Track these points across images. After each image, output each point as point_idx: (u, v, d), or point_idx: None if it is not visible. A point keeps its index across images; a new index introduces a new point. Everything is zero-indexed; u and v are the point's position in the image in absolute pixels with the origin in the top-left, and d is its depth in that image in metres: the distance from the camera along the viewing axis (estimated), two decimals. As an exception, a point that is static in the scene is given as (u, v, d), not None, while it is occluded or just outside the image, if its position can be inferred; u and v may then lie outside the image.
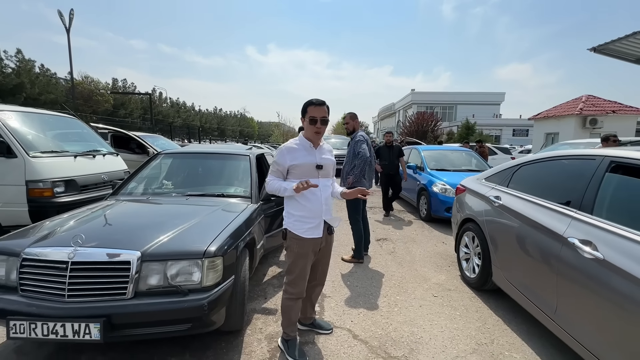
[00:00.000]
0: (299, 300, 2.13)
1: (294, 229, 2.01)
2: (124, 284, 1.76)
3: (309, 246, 2.03)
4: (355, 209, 3.83)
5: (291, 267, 2.05)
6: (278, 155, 2.00)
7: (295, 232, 2.00)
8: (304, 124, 2.01)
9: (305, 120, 1.99)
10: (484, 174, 3.49)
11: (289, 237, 2.03)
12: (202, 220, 2.32)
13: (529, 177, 2.72)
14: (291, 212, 2.03)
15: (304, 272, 2.06)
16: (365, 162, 3.60)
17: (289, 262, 2.06)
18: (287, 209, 2.06)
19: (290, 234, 2.02)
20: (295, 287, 2.07)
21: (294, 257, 2.03)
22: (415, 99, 38.24)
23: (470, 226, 3.29)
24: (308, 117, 1.97)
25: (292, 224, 2.01)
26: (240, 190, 3.13)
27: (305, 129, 2.02)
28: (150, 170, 3.40)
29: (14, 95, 28.42)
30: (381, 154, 6.33)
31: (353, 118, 3.87)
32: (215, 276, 1.93)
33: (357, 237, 3.85)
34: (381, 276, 3.47)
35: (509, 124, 32.77)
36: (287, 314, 2.11)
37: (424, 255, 4.16)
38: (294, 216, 2.02)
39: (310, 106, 1.98)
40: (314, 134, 1.99)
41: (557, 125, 15.63)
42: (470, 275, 3.24)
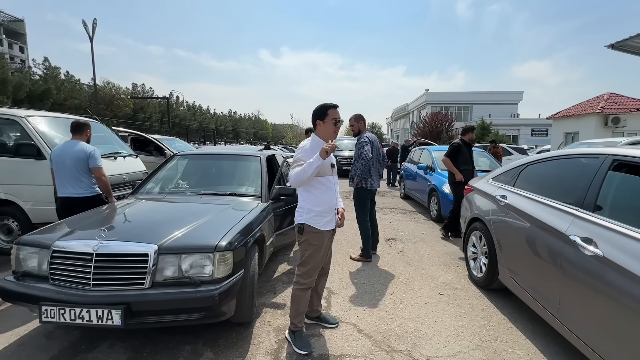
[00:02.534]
0: (309, 291, 2.25)
1: (314, 224, 2.12)
2: (143, 274, 1.91)
3: (326, 238, 2.20)
4: (362, 209, 3.90)
5: (307, 259, 2.16)
6: (302, 152, 2.10)
7: (316, 226, 2.13)
8: (322, 126, 2.17)
9: (324, 122, 2.15)
10: (492, 174, 3.49)
11: (307, 231, 2.13)
12: (215, 217, 2.46)
13: (534, 177, 2.73)
14: (311, 208, 2.13)
15: (319, 263, 2.21)
16: (366, 164, 3.67)
17: (306, 254, 2.16)
18: (305, 205, 2.15)
19: (310, 228, 2.12)
20: (308, 277, 2.19)
21: (312, 249, 2.15)
22: (430, 99, 37.78)
23: (477, 225, 3.31)
24: (331, 119, 2.14)
25: (313, 219, 2.13)
26: (251, 190, 3.26)
27: (325, 129, 2.17)
28: (167, 171, 3.58)
29: (42, 100, 29.92)
30: (462, 156, 4.84)
31: (358, 120, 3.94)
32: (225, 269, 2.05)
33: (364, 236, 3.91)
34: (388, 275, 3.53)
35: (527, 124, 31.87)
36: (296, 304, 2.21)
37: (432, 255, 4.18)
38: (313, 211, 2.13)
39: (331, 109, 2.16)
40: (333, 133, 2.17)
41: (577, 125, 15.15)
42: (478, 274, 3.25)
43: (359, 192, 3.86)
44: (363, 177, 3.72)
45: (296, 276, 2.23)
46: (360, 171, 3.71)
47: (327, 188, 2.16)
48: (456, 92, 39.98)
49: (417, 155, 8.22)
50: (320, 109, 2.17)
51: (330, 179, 2.20)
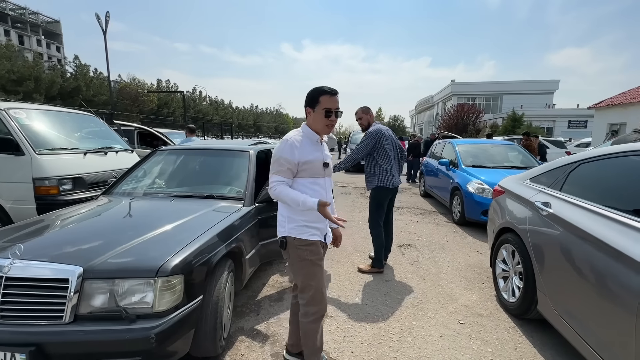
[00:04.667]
0: (323, 319, 1.79)
1: (300, 235, 1.68)
2: (61, 305, 1.48)
3: (320, 249, 1.75)
4: (378, 211, 3.35)
5: (307, 281, 1.71)
6: (285, 149, 1.63)
7: (302, 237, 1.68)
8: (311, 115, 1.70)
9: (314, 111, 1.68)
10: (529, 173, 2.81)
11: (293, 245, 1.69)
12: (174, 227, 2.00)
13: (592, 180, 2.05)
14: (292, 217, 1.69)
15: (321, 282, 1.73)
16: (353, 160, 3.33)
17: (302, 275, 1.71)
18: (285, 213, 1.71)
19: (297, 241, 1.68)
20: (316, 304, 1.72)
21: (307, 267, 1.70)
22: (455, 90, 35.78)
23: (509, 237, 2.66)
24: (322, 109, 1.67)
25: (296, 229, 1.68)
26: (234, 191, 2.79)
27: (315, 120, 1.70)
28: (146, 167, 3.19)
29: (72, 97, 31.21)
30: None
31: (366, 112, 3.37)
32: (171, 299, 1.59)
33: (377, 243, 3.37)
34: (398, 292, 2.96)
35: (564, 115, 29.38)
36: (311, 339, 1.75)
37: (452, 267, 3.55)
38: (296, 221, 1.69)
39: (323, 95, 1.67)
40: (325, 127, 1.71)
41: (624, 115, 13.55)
42: (509, 298, 2.62)
43: (377, 192, 3.33)
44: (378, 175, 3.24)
45: (302, 307, 1.75)
46: (345, 164, 3.35)
47: (316, 192, 1.69)
48: (484, 82, 37.60)
49: (439, 149, 7.46)
50: (311, 94, 1.69)
51: (320, 182, 1.74)
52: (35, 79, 27.06)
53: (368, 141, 3.19)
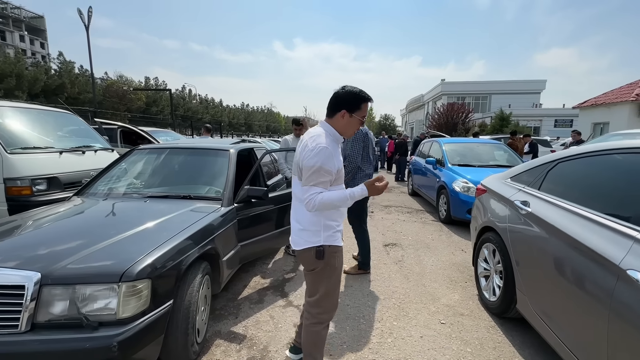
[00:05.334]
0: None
1: (334, 242, 1.63)
2: (17, 313, 1.40)
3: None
4: (360, 214, 3.28)
5: (330, 289, 1.66)
6: (326, 159, 1.48)
7: (335, 243, 1.64)
8: (346, 119, 1.59)
9: (352, 116, 1.59)
10: (510, 172, 2.82)
11: (329, 253, 1.61)
12: (144, 230, 1.93)
13: (570, 178, 2.05)
14: (329, 224, 1.61)
15: (339, 290, 1.74)
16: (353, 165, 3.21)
17: (328, 283, 1.65)
18: (321, 221, 1.60)
19: (332, 248, 1.62)
20: (332, 310, 1.72)
21: (335, 274, 1.67)
22: (445, 89, 36.10)
23: (490, 236, 2.66)
24: (361, 116, 1.61)
25: (332, 236, 1.62)
26: (212, 191, 2.72)
27: (349, 125, 1.61)
28: (122, 167, 3.08)
29: (57, 94, 30.41)
30: None
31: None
32: (137, 305, 1.52)
33: (364, 244, 3.31)
34: (380, 293, 2.93)
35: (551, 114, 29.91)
36: (319, 348, 1.72)
37: (436, 267, 3.55)
38: (332, 228, 1.62)
39: (365, 102, 1.61)
40: (353, 133, 1.68)
41: (608, 114, 13.88)
42: (490, 297, 2.62)
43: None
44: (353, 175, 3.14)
45: (316, 315, 1.69)
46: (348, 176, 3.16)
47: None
48: (474, 81, 38.05)
49: (427, 148, 7.49)
50: (354, 97, 1.58)
51: (343, 187, 1.70)
52: (17, 75, 26.27)
53: (358, 144, 3.13)
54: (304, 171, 1.52)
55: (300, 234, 1.63)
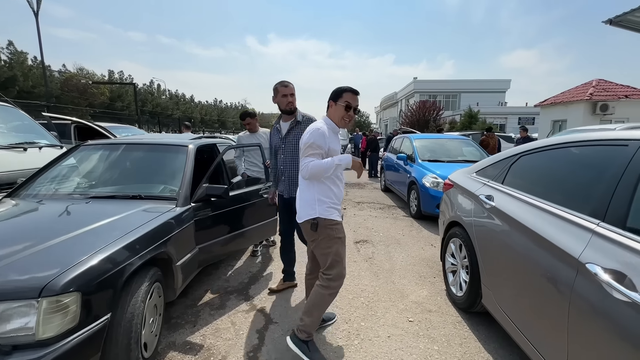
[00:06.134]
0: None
1: (330, 215, 1.89)
2: None
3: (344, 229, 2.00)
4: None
5: (336, 258, 1.92)
6: (318, 137, 1.84)
7: (331, 217, 1.90)
8: (333, 107, 1.96)
9: (336, 104, 1.94)
10: (476, 166, 2.82)
11: (324, 225, 1.88)
12: (80, 235, 1.70)
13: (531, 172, 2.05)
14: (322, 199, 1.89)
15: (345, 259, 2.00)
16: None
17: (332, 253, 1.91)
18: (315, 196, 1.89)
19: (327, 221, 1.88)
20: (340, 278, 1.95)
21: (338, 244, 1.93)
22: (418, 87, 36.97)
23: (457, 231, 2.65)
24: (343, 102, 1.92)
25: (327, 210, 1.89)
26: (167, 190, 2.50)
27: (335, 112, 1.96)
28: (65, 165, 2.78)
29: (7, 88, 27.91)
30: None
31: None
32: (62, 323, 1.32)
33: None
34: (350, 292, 2.85)
35: (515, 112, 31.53)
36: (321, 311, 1.94)
37: (406, 263, 3.53)
38: (326, 203, 1.90)
39: (347, 92, 1.93)
40: (342, 120, 1.95)
41: (565, 112, 14.74)
42: (457, 292, 2.61)
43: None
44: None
45: (326, 280, 1.92)
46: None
47: (339, 179, 1.99)
48: (444, 80, 39.26)
49: (399, 144, 7.55)
50: (337, 90, 1.96)
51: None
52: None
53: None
54: (302, 148, 1.87)
55: (301, 208, 1.94)
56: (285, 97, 2.46)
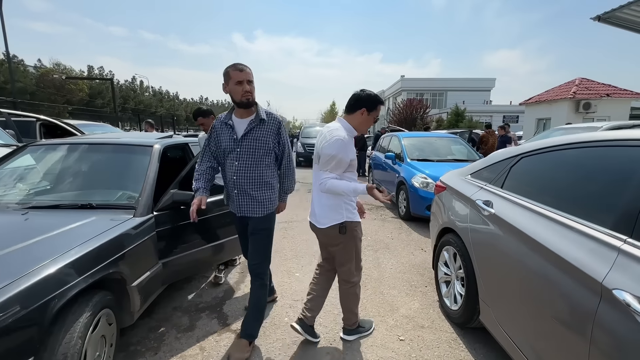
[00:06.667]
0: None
1: (355, 218, 1.97)
2: None
3: None
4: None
5: (357, 255, 2.03)
6: (342, 149, 1.79)
7: (356, 219, 1.98)
8: (364, 116, 1.89)
9: (370, 114, 1.89)
10: (470, 168, 2.61)
11: (352, 228, 1.94)
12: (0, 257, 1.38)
13: (536, 176, 1.84)
14: (348, 202, 1.93)
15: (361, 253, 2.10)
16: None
17: (354, 251, 2.00)
18: (341, 201, 1.90)
19: (353, 223, 1.95)
20: (360, 272, 2.09)
21: (359, 244, 2.03)
22: (405, 85, 37.08)
23: (451, 239, 2.43)
24: (375, 115, 1.91)
25: (351, 213, 1.95)
26: (124, 197, 2.19)
27: (364, 122, 1.91)
28: (6, 168, 2.42)
29: (-24, 84, 26.42)
30: None
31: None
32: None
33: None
34: (335, 306, 2.58)
35: (500, 111, 32.01)
36: (357, 302, 2.13)
37: (395, 270, 3.30)
38: (351, 205, 1.95)
39: (380, 104, 1.92)
40: (366, 129, 1.97)
41: (550, 111, 14.92)
42: (451, 305, 2.39)
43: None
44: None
45: (349, 280, 2.04)
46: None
47: (355, 180, 1.97)
48: (431, 78, 39.47)
49: (387, 142, 7.34)
50: (374, 99, 1.88)
51: (356, 175, 2.00)
52: None
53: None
54: (322, 157, 1.84)
55: (325, 214, 1.91)
56: (240, 85, 1.84)
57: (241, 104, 1.88)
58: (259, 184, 1.95)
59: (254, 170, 1.92)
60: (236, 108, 1.95)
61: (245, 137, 1.91)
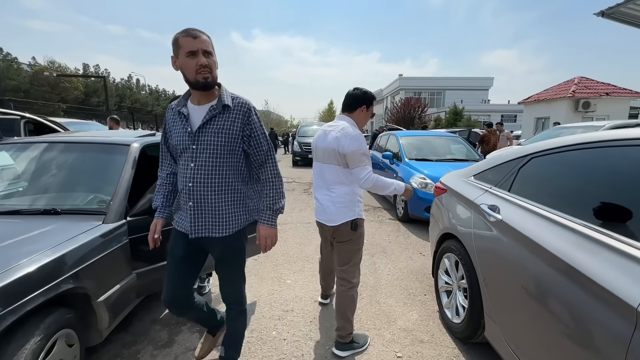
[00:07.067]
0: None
1: (362, 214, 2.00)
2: None
3: None
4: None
5: (359, 255, 2.04)
6: (363, 143, 1.84)
7: (363, 216, 2.02)
8: (364, 113, 1.98)
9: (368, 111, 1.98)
10: (473, 169, 2.43)
11: (361, 224, 1.99)
12: None
13: (549, 179, 1.66)
14: (359, 200, 1.98)
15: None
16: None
17: (358, 250, 2.02)
18: (354, 198, 1.94)
19: (361, 220, 1.99)
20: (359, 274, 2.07)
21: (362, 241, 2.05)
22: (403, 84, 36.91)
23: (452, 246, 2.25)
24: (372, 111, 2.01)
25: (362, 210, 2.00)
26: (95, 201, 1.99)
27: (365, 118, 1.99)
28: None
29: (-33, 81, 25.99)
30: None
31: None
32: None
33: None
34: (328, 318, 2.41)
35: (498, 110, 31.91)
36: (354, 307, 2.03)
37: (393, 276, 3.12)
38: (361, 202, 1.99)
39: (374, 100, 2.02)
40: (364, 125, 2.07)
41: (548, 110, 14.81)
42: (453, 318, 2.21)
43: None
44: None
45: (350, 280, 1.99)
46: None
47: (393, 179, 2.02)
48: (429, 77, 39.37)
49: (384, 141, 7.16)
50: (371, 96, 1.98)
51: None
52: None
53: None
54: (350, 156, 1.81)
55: (338, 211, 1.91)
56: (193, 57, 1.34)
57: (196, 84, 1.37)
58: (223, 193, 1.46)
59: (215, 175, 1.44)
60: (192, 91, 1.46)
61: (203, 129, 1.41)
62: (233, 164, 1.48)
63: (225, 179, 1.47)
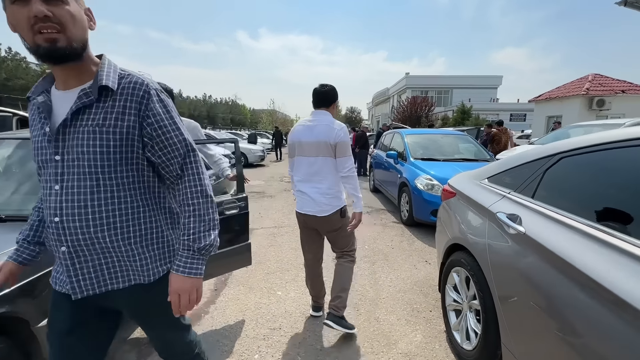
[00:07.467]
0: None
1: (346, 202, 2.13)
2: None
3: None
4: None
5: (353, 234, 2.21)
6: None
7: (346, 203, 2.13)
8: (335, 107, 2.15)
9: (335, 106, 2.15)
10: (486, 171, 2.12)
11: (346, 210, 2.14)
12: None
13: (583, 183, 1.35)
14: (342, 190, 2.11)
15: None
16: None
17: (350, 232, 2.12)
18: (340, 188, 2.09)
19: (346, 207, 2.13)
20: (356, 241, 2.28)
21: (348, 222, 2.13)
22: (410, 83, 36.35)
23: (462, 258, 1.95)
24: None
25: (344, 197, 2.13)
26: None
27: (336, 112, 2.16)
28: None
29: (-23, 80, 26.32)
30: None
31: None
32: None
33: None
34: (318, 338, 2.13)
35: (507, 109, 31.19)
36: (349, 278, 2.18)
37: (395, 289, 2.83)
38: (343, 192, 2.13)
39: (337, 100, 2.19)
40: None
41: (561, 108, 14.29)
42: (462, 343, 1.91)
43: None
44: None
45: (351, 254, 2.22)
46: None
47: None
48: (436, 75, 38.78)
49: (389, 140, 6.84)
50: (336, 92, 2.11)
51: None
52: None
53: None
54: (340, 145, 1.97)
55: (329, 202, 2.03)
56: (23, 5, 0.78)
57: (36, 51, 0.82)
58: (115, 229, 0.92)
59: (95, 201, 0.89)
60: (50, 67, 0.91)
61: (70, 127, 0.88)
62: (128, 181, 0.94)
63: (115, 206, 0.92)
